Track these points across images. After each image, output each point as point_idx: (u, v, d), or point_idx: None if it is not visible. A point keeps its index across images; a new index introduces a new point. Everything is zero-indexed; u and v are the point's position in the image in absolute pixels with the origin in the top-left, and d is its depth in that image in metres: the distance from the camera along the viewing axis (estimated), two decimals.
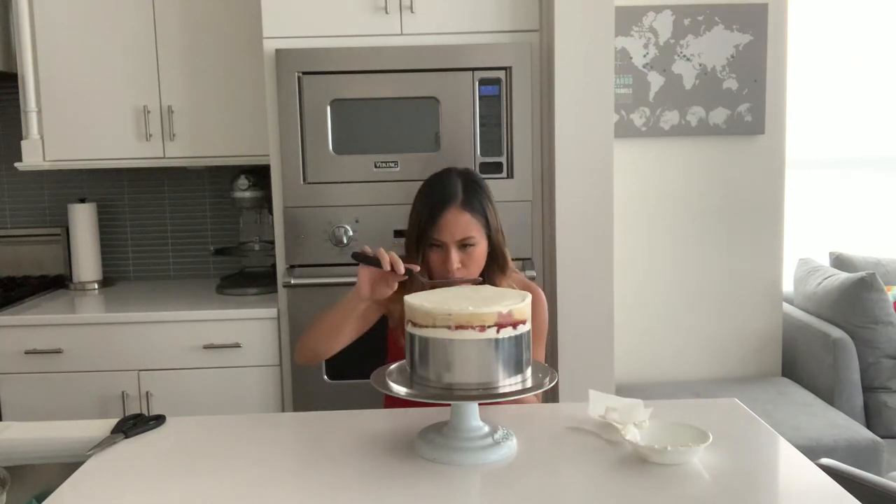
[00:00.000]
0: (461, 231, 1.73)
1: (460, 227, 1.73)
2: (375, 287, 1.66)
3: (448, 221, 1.73)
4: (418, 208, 1.79)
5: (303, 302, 2.69)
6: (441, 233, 1.73)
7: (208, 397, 2.75)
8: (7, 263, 3.32)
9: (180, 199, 3.37)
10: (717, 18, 3.18)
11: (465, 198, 1.75)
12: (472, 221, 1.74)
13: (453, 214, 1.73)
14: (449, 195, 1.75)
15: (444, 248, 1.74)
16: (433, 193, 1.78)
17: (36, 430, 1.66)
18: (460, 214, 1.74)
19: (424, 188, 1.82)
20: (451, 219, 1.73)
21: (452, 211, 1.73)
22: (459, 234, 1.73)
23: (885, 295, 3.17)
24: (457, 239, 1.73)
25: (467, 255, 1.75)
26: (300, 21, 2.65)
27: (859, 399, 3.10)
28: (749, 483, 1.36)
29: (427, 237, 1.75)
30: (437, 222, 1.73)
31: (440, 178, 1.82)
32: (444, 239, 1.73)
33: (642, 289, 3.30)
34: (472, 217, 1.74)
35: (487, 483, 1.37)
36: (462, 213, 1.74)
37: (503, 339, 1.38)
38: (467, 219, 1.74)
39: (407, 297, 1.44)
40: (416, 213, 1.78)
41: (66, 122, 2.95)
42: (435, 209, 1.74)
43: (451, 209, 1.74)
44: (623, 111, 3.20)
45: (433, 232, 1.74)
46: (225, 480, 1.39)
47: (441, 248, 1.75)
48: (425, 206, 1.76)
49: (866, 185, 3.83)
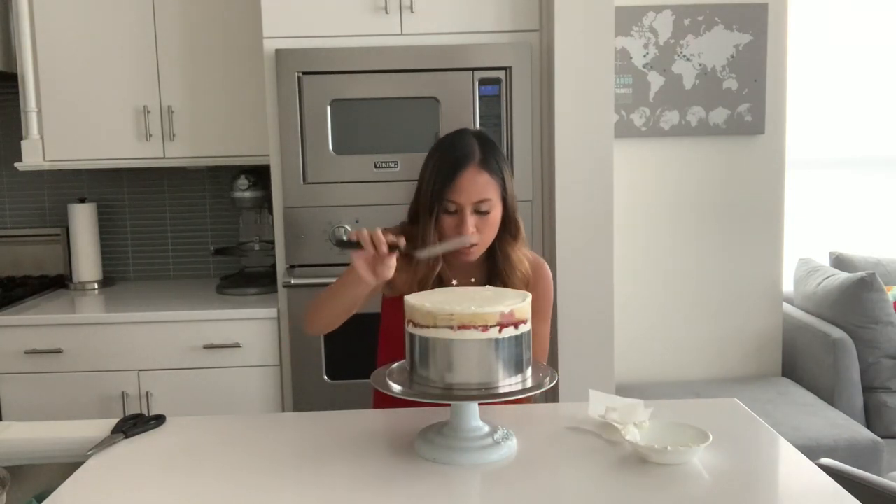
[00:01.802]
0: (479, 192, 1.62)
1: (478, 188, 1.62)
2: (376, 270, 1.56)
3: (465, 182, 1.62)
4: (432, 168, 1.66)
5: (303, 302, 2.69)
6: (458, 194, 1.62)
7: (208, 397, 2.75)
8: (7, 263, 3.32)
9: (180, 199, 3.37)
10: (717, 18, 3.18)
11: (482, 157, 1.64)
12: (489, 182, 1.63)
13: (471, 174, 1.62)
14: (466, 153, 1.63)
15: (459, 212, 1.63)
16: (449, 153, 1.65)
17: (36, 430, 1.66)
18: (478, 174, 1.62)
19: (438, 148, 1.70)
20: (468, 179, 1.62)
21: (470, 171, 1.62)
22: (476, 195, 1.62)
23: (885, 295, 3.17)
24: (473, 200, 1.62)
25: (482, 220, 1.64)
26: (300, 21, 2.65)
27: (859, 399, 3.10)
28: (749, 483, 1.36)
29: (442, 200, 1.63)
30: (454, 183, 1.61)
31: (455, 138, 1.71)
32: (461, 201, 1.62)
33: (642, 289, 3.30)
34: (490, 177, 1.63)
35: (487, 483, 1.37)
36: (480, 172, 1.62)
37: (504, 339, 1.38)
38: (485, 179, 1.63)
39: (407, 297, 1.44)
40: (429, 175, 1.66)
41: (66, 122, 2.95)
42: (451, 169, 1.62)
43: (469, 169, 1.62)
44: (623, 111, 3.20)
45: (449, 193, 1.62)
46: (225, 480, 1.38)
47: (455, 213, 1.64)
48: (440, 165, 1.64)
49: (866, 185, 3.83)
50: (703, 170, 3.28)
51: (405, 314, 1.44)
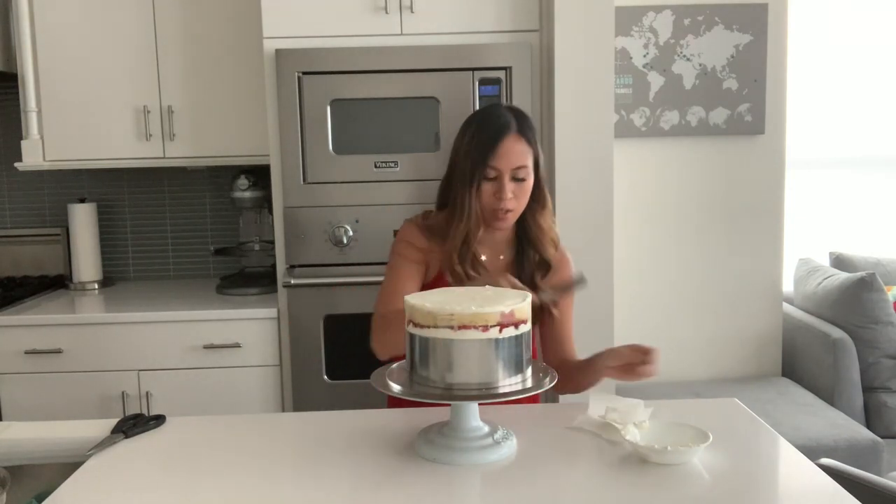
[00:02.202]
0: (517, 158, 1.72)
1: (516, 155, 1.72)
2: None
3: (507, 148, 1.72)
4: (470, 139, 1.76)
5: (303, 302, 2.69)
6: (499, 160, 1.71)
7: (208, 397, 2.75)
8: (7, 263, 3.32)
9: (180, 199, 3.37)
10: (717, 18, 3.18)
11: (519, 126, 1.75)
12: (526, 150, 1.74)
13: (511, 142, 1.72)
14: (505, 123, 1.73)
15: (498, 178, 1.73)
16: (488, 122, 1.76)
17: (36, 430, 1.66)
18: (517, 142, 1.73)
19: (475, 120, 1.80)
20: (508, 146, 1.72)
21: (510, 138, 1.72)
22: (516, 161, 1.72)
23: (885, 295, 3.17)
24: (513, 167, 1.72)
25: (518, 187, 1.74)
26: (300, 21, 2.65)
27: (859, 399, 3.10)
28: (749, 483, 1.36)
29: (483, 167, 1.73)
30: (496, 150, 1.71)
31: (491, 110, 1.81)
32: (501, 167, 1.72)
33: (642, 289, 3.30)
34: (527, 146, 1.74)
35: (487, 483, 1.37)
36: (519, 140, 1.73)
37: (504, 339, 1.38)
38: (523, 147, 1.73)
39: (407, 298, 1.44)
40: (466, 145, 1.76)
41: (66, 122, 2.95)
42: (493, 137, 1.72)
43: (509, 136, 1.72)
44: (623, 111, 3.20)
45: (491, 160, 1.72)
46: (225, 480, 1.38)
47: (493, 179, 1.73)
48: (481, 135, 1.74)
49: (866, 185, 3.83)
50: (703, 170, 3.28)
51: (405, 314, 1.44)
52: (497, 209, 1.73)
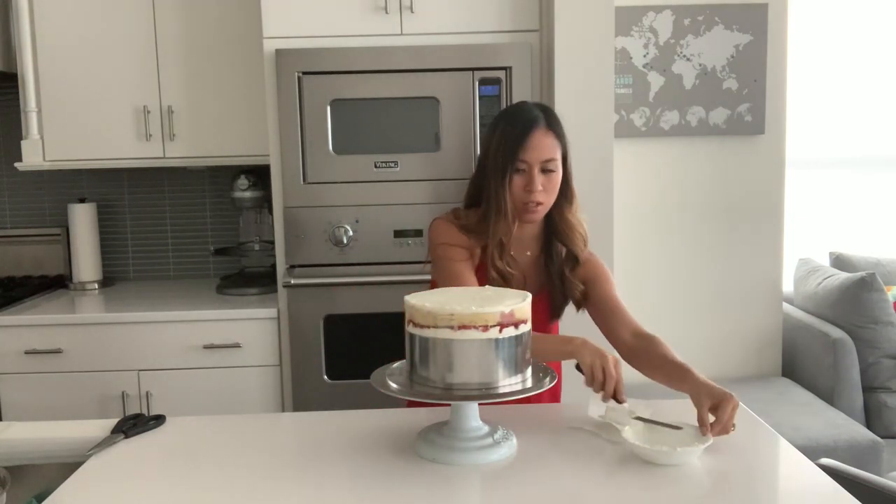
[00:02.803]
0: (547, 151, 1.77)
1: (545, 148, 1.77)
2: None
3: (536, 142, 1.76)
4: (500, 135, 1.80)
5: (303, 302, 2.69)
6: (529, 153, 1.76)
7: (208, 397, 2.75)
8: (7, 263, 3.32)
9: (180, 199, 3.37)
10: (717, 18, 3.18)
11: (547, 121, 1.80)
12: (555, 144, 1.79)
13: (540, 135, 1.77)
14: (534, 118, 1.79)
15: (528, 170, 1.77)
16: (518, 118, 1.81)
17: (36, 430, 1.66)
18: (546, 136, 1.78)
19: (505, 116, 1.85)
20: (538, 139, 1.77)
21: (539, 132, 1.77)
22: (545, 154, 1.77)
23: (885, 295, 3.17)
24: (542, 159, 1.77)
25: (548, 179, 1.78)
26: (300, 21, 2.65)
27: (859, 399, 3.10)
28: (749, 483, 1.36)
29: (514, 160, 1.77)
30: (526, 143, 1.76)
31: (520, 107, 1.88)
32: (531, 159, 1.76)
33: (642, 288, 3.29)
34: (555, 139, 1.79)
35: (487, 483, 1.37)
36: (548, 133, 1.78)
37: (504, 339, 1.38)
38: (552, 140, 1.78)
39: (407, 298, 1.44)
40: (497, 141, 1.80)
41: (66, 122, 2.95)
42: (523, 131, 1.77)
43: (539, 130, 1.77)
44: (623, 111, 3.20)
45: (521, 153, 1.76)
46: (225, 480, 1.39)
47: (523, 172, 1.77)
48: (511, 130, 1.79)
49: (866, 185, 3.83)
50: (704, 170, 3.28)
51: (405, 314, 1.44)
52: (528, 202, 1.77)
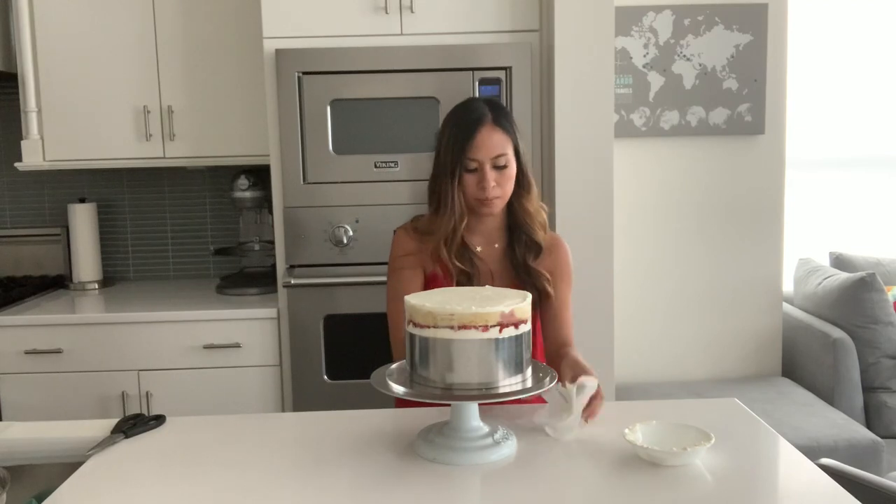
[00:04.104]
0: (495, 147, 1.77)
1: (493, 145, 1.77)
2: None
3: (483, 139, 1.77)
4: (449, 135, 1.81)
5: (303, 302, 2.69)
6: (477, 151, 1.76)
7: (208, 397, 2.75)
8: (7, 263, 3.32)
9: (180, 199, 3.37)
10: (717, 18, 3.18)
11: (494, 116, 1.80)
12: (504, 139, 1.78)
13: (487, 132, 1.77)
14: (479, 115, 1.79)
15: (479, 168, 1.77)
16: (463, 116, 1.81)
17: (36, 430, 1.66)
18: (493, 132, 1.78)
19: (452, 115, 1.85)
20: (485, 136, 1.77)
21: (486, 129, 1.77)
22: (494, 150, 1.77)
23: (885, 295, 3.17)
24: (492, 156, 1.77)
25: (501, 174, 1.78)
26: (300, 21, 2.65)
27: (859, 399, 3.10)
28: (749, 483, 1.36)
29: (463, 159, 1.78)
30: (473, 141, 1.77)
31: (466, 104, 1.87)
32: (480, 157, 1.76)
33: (642, 289, 3.30)
34: (504, 134, 1.79)
35: (487, 483, 1.37)
36: (495, 129, 1.78)
37: (504, 339, 1.38)
38: (500, 136, 1.78)
39: (407, 297, 1.44)
40: (447, 140, 1.81)
41: (66, 122, 2.95)
42: (468, 130, 1.78)
43: (485, 127, 1.77)
44: (623, 111, 3.20)
45: (469, 152, 1.77)
46: (225, 480, 1.39)
47: (475, 171, 1.78)
48: (457, 129, 1.80)
49: (866, 185, 3.83)
50: (703, 170, 3.28)
51: (405, 314, 1.44)
52: (482, 198, 1.78)
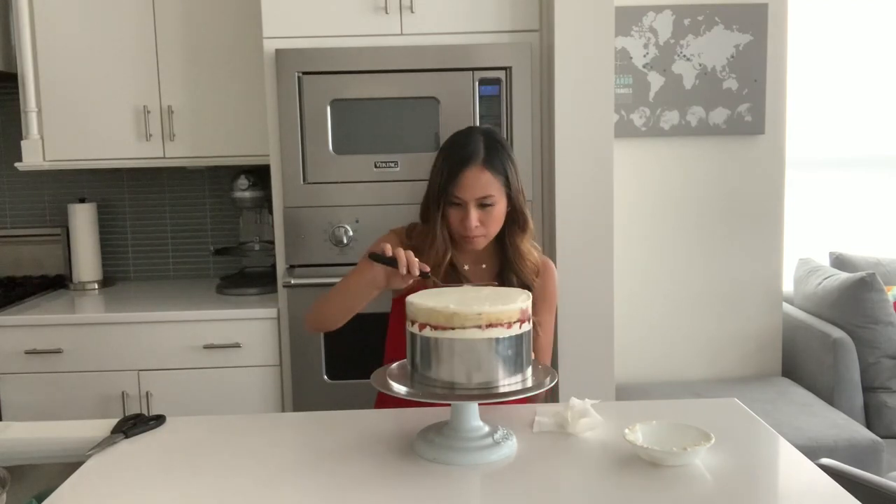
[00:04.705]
0: (481, 189, 1.74)
1: (480, 186, 1.74)
2: (391, 279, 1.67)
3: (468, 180, 1.74)
4: (440, 166, 1.79)
5: (303, 302, 2.69)
6: (461, 191, 1.74)
7: (208, 397, 2.75)
8: (7, 263, 3.32)
9: (180, 199, 3.37)
10: (717, 18, 3.18)
11: (486, 156, 1.76)
12: (492, 180, 1.75)
13: (474, 173, 1.74)
14: (470, 153, 1.76)
15: (464, 206, 1.75)
16: (455, 152, 1.78)
17: (36, 430, 1.66)
18: (481, 173, 1.74)
19: (447, 146, 1.83)
20: (471, 177, 1.74)
21: (473, 170, 1.74)
22: (479, 192, 1.74)
23: (885, 295, 3.17)
24: (476, 197, 1.74)
25: (486, 213, 1.76)
26: (300, 21, 2.65)
27: (859, 399, 3.09)
28: (749, 483, 1.36)
29: (447, 194, 1.76)
30: (458, 180, 1.74)
31: (462, 137, 1.83)
32: (464, 197, 1.74)
33: (642, 289, 3.30)
34: (492, 176, 1.75)
35: (487, 483, 1.37)
36: (483, 171, 1.74)
37: (504, 339, 1.38)
38: (488, 178, 1.74)
39: (409, 297, 1.44)
40: (437, 171, 1.79)
41: (66, 122, 2.95)
42: (456, 167, 1.75)
43: (473, 168, 1.74)
44: (623, 111, 3.20)
45: (454, 189, 1.74)
46: (225, 480, 1.39)
47: (460, 206, 1.76)
48: (447, 163, 1.77)
49: (866, 185, 3.83)
50: (703, 170, 3.28)
51: (406, 314, 1.44)
52: (465, 235, 1.77)
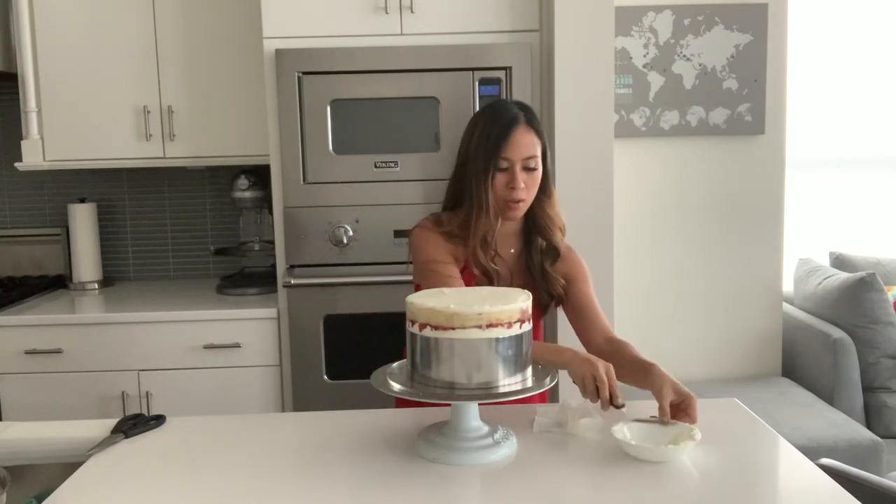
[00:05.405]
0: (528, 149, 1.77)
1: (527, 146, 1.77)
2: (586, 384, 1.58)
3: (517, 139, 1.77)
4: (480, 134, 1.80)
5: (303, 302, 2.69)
6: (510, 151, 1.76)
7: (208, 397, 2.75)
8: (7, 263, 3.32)
9: (180, 199, 3.37)
10: (717, 18, 3.18)
11: (527, 117, 1.80)
12: (536, 141, 1.79)
13: (521, 133, 1.77)
14: (514, 115, 1.79)
15: (510, 169, 1.77)
16: (498, 116, 1.81)
17: (36, 430, 1.66)
18: (527, 132, 1.78)
19: (486, 114, 1.84)
20: (519, 137, 1.77)
21: (520, 129, 1.78)
22: (526, 151, 1.77)
23: (885, 295, 3.17)
24: (524, 157, 1.77)
25: (529, 177, 1.78)
26: (300, 21, 2.65)
27: (859, 399, 3.10)
28: (749, 483, 1.36)
29: (496, 158, 1.77)
30: (508, 140, 1.76)
31: (499, 104, 1.87)
32: (513, 157, 1.76)
33: (642, 289, 3.30)
34: (535, 137, 1.79)
35: (487, 483, 1.37)
36: (528, 130, 1.78)
37: (504, 339, 1.38)
38: (532, 138, 1.79)
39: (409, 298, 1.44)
40: (477, 140, 1.80)
41: (66, 122, 2.95)
42: (504, 128, 1.77)
43: (519, 128, 1.78)
44: (623, 111, 3.20)
45: (503, 151, 1.76)
46: (225, 480, 1.39)
47: (505, 170, 1.78)
48: (493, 127, 1.79)
49: (866, 185, 3.83)
50: (704, 170, 3.28)
51: (406, 314, 1.44)
52: (510, 200, 1.78)
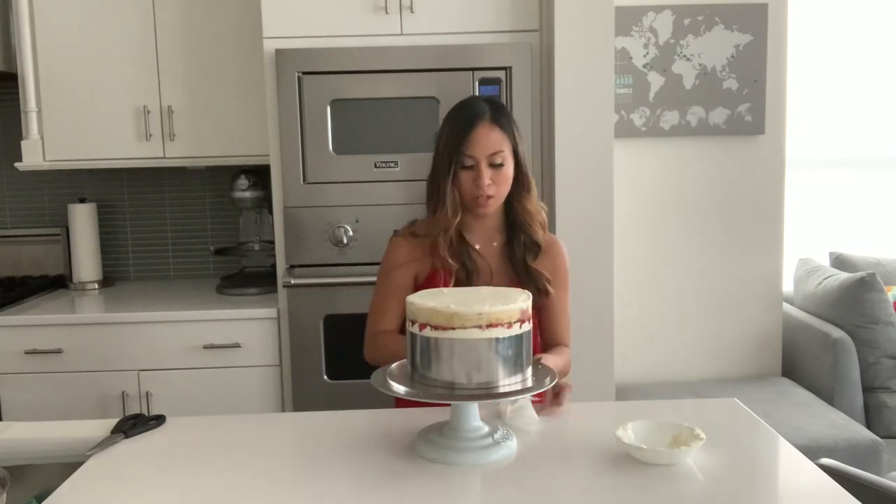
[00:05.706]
0: (492, 145, 1.77)
1: (491, 142, 1.78)
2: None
3: (479, 136, 1.77)
4: (448, 130, 1.82)
5: (303, 302, 2.69)
6: (473, 148, 1.77)
7: (208, 397, 2.75)
8: (7, 263, 3.32)
9: (180, 199, 3.37)
10: (717, 18, 3.18)
11: (493, 115, 1.80)
12: (501, 137, 1.79)
13: (484, 129, 1.78)
14: (477, 112, 1.80)
15: (475, 166, 1.78)
16: (462, 113, 1.83)
17: (36, 430, 1.66)
18: (491, 129, 1.78)
19: (452, 113, 1.87)
20: (482, 134, 1.78)
21: (484, 126, 1.78)
22: (490, 148, 1.77)
23: (885, 295, 3.17)
24: (488, 153, 1.77)
25: (497, 173, 1.79)
26: (300, 21, 2.65)
27: (859, 399, 3.10)
28: (749, 483, 1.36)
29: (459, 156, 1.78)
30: (469, 138, 1.77)
31: (466, 102, 1.88)
32: (476, 154, 1.77)
33: (642, 289, 3.30)
34: (501, 133, 1.79)
35: (487, 483, 1.37)
36: (492, 127, 1.79)
37: (504, 339, 1.38)
38: (497, 134, 1.79)
39: (409, 298, 1.44)
40: (445, 136, 1.82)
41: (66, 122, 2.95)
42: (466, 126, 1.79)
43: (483, 125, 1.78)
44: (623, 111, 3.20)
45: (465, 148, 1.77)
46: (225, 480, 1.39)
47: (471, 168, 1.79)
48: (456, 124, 1.81)
49: (866, 185, 3.83)
50: (704, 170, 3.28)
51: (406, 314, 1.44)
52: (478, 196, 1.79)
